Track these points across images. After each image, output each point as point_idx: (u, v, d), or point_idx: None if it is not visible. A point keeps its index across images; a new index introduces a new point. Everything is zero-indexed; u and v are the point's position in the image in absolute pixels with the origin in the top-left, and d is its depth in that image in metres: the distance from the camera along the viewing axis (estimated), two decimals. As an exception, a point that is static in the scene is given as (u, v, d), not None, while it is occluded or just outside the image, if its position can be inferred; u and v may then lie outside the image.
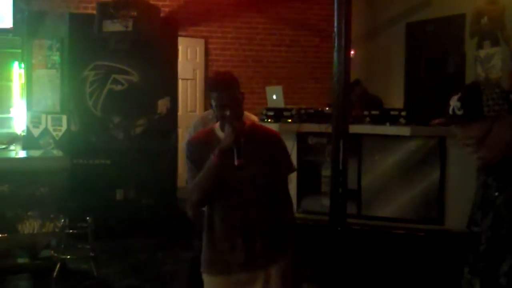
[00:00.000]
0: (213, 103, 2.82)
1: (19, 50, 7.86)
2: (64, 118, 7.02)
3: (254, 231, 2.83)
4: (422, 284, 5.47)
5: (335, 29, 4.27)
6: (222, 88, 2.79)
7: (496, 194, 2.06)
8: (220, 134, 2.85)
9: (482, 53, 7.56)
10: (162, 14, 7.81)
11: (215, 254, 2.88)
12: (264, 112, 6.54)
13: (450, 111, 2.07)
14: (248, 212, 2.82)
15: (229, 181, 2.80)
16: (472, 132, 2.04)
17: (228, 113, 2.76)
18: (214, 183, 2.79)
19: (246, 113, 4.33)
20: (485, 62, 7.53)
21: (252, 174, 2.80)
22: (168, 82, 7.43)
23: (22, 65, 7.73)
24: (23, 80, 7.69)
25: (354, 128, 5.47)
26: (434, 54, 8.62)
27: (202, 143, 2.91)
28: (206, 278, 2.92)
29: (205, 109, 8.88)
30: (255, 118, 4.33)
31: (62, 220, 5.50)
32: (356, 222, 5.99)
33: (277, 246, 2.88)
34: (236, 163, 2.69)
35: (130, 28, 6.70)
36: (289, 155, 3.04)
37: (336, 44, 4.25)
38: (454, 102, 2.05)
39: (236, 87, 2.84)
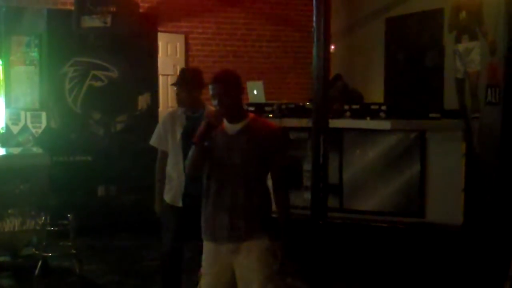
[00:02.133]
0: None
1: (-3, 47, 7.77)
2: (44, 115, 6.97)
3: (239, 212, 3.23)
4: (404, 277, 5.52)
5: (314, 24, 4.26)
6: (213, 81, 3.26)
7: None
8: (225, 121, 3.28)
9: (461, 47, 7.62)
10: (141, 10, 7.78)
11: (206, 224, 3.32)
12: (245, 107, 6.54)
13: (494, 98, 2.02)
14: (237, 194, 3.23)
15: (222, 163, 3.24)
16: None
17: (215, 102, 3.22)
18: (198, 161, 3.25)
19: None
20: (464, 56, 7.59)
21: (243, 160, 3.21)
22: (148, 78, 7.40)
23: (0, 62, 7.63)
24: (1, 77, 7.60)
25: (335, 123, 5.49)
26: (413, 48, 8.68)
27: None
28: (204, 242, 3.38)
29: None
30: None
31: (43, 218, 5.47)
32: (338, 216, 6.03)
33: (260, 226, 3.27)
34: (193, 139, 3.22)
35: (109, 24, 6.66)
36: (284, 148, 3.44)
37: (315, 39, 4.25)
38: None
39: (228, 82, 3.28)
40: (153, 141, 4.56)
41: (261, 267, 3.24)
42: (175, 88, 4.46)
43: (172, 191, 4.36)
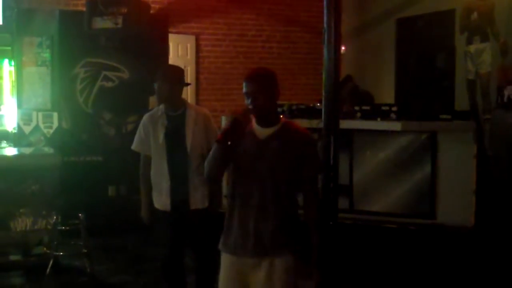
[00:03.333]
0: None
1: (9, 48, 7.83)
2: (55, 115, 7.01)
3: (266, 223, 2.97)
4: (414, 278, 5.50)
5: (325, 25, 4.26)
6: (249, 78, 3.00)
7: None
8: (255, 124, 3.03)
9: (472, 48, 7.60)
10: (152, 11, 7.81)
11: (229, 237, 3.05)
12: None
13: (505, 99, 2.07)
14: (264, 204, 2.96)
15: (248, 170, 2.98)
16: None
17: (248, 101, 2.95)
18: (219, 162, 2.96)
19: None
20: (475, 57, 7.57)
21: (272, 168, 2.95)
22: (159, 79, 7.41)
23: (12, 63, 7.70)
24: (13, 77, 7.67)
25: (345, 124, 5.49)
26: (424, 49, 8.66)
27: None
28: (222, 254, 3.13)
29: (196, 104, 8.87)
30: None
31: (54, 217, 5.49)
32: (348, 216, 6.02)
33: (287, 241, 3.00)
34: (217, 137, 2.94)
35: (120, 25, 6.69)
36: (316, 156, 3.12)
37: (326, 40, 4.25)
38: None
39: (265, 80, 3.00)
40: (134, 146, 4.37)
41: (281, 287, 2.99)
42: (155, 85, 4.17)
43: (161, 196, 4.19)
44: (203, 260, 4.30)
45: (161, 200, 4.20)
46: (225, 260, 3.09)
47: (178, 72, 4.30)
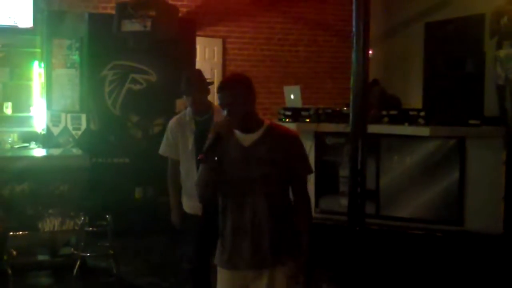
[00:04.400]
0: None
1: (39, 50, 7.93)
2: (84, 117, 7.08)
3: (262, 232, 2.88)
4: (440, 286, 5.44)
5: (354, 29, 4.26)
6: (220, 89, 2.90)
7: None
8: (237, 132, 2.94)
9: (502, 53, 7.50)
10: (180, 14, 7.85)
11: (225, 250, 2.96)
12: (282, 112, 6.55)
13: None
14: (258, 212, 2.87)
15: (239, 178, 2.88)
16: None
17: (224, 112, 2.87)
18: (210, 180, 2.87)
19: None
20: (504, 62, 7.47)
21: (265, 174, 2.86)
22: (186, 82, 7.44)
23: (42, 65, 7.79)
24: (43, 79, 7.76)
25: (372, 128, 5.45)
26: (453, 54, 8.57)
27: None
28: (218, 269, 3.04)
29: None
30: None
31: (82, 218, 5.54)
32: (375, 222, 5.98)
33: (286, 248, 2.92)
34: (198, 157, 2.83)
35: (148, 28, 6.74)
36: (306, 156, 3.03)
37: (354, 44, 4.24)
38: None
39: (237, 88, 2.91)
40: (162, 151, 4.39)
41: None
42: (185, 97, 4.22)
43: (190, 200, 4.17)
44: None
45: (192, 204, 4.17)
46: (224, 275, 3.00)
47: (201, 78, 4.31)
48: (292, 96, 7.13)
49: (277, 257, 2.89)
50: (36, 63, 8.11)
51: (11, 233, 5.32)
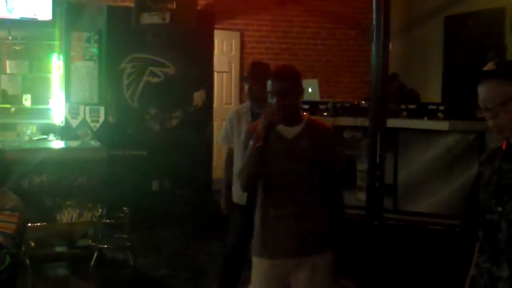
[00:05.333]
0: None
1: (58, 42, 7.97)
2: (102, 110, 7.11)
3: (306, 223, 2.94)
4: (458, 280, 5.40)
5: (374, 22, 4.23)
6: (274, 77, 2.96)
7: None
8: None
9: (523, 47, 7.41)
10: (198, 7, 7.84)
11: (267, 239, 2.99)
12: (300, 105, 6.52)
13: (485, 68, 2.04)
14: (301, 203, 2.93)
15: (281, 171, 2.93)
16: (497, 92, 2.00)
17: (274, 101, 2.91)
18: (256, 167, 2.91)
19: None
20: (525, 56, 7.38)
21: (305, 166, 2.93)
22: (204, 75, 7.45)
23: (61, 57, 7.83)
24: (61, 71, 7.80)
25: (391, 122, 5.42)
26: (473, 48, 8.48)
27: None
28: (255, 260, 3.05)
29: (240, 102, 8.90)
30: None
31: (100, 210, 5.57)
32: (392, 217, 5.94)
33: (326, 237, 3.00)
34: (258, 144, 2.83)
35: (167, 21, 6.73)
36: (340, 152, 3.20)
37: (374, 37, 4.21)
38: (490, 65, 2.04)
39: (291, 79, 2.97)
40: (221, 139, 4.50)
41: (323, 284, 2.99)
42: (245, 83, 4.33)
43: (237, 190, 4.19)
44: None
45: (238, 193, 4.23)
46: (262, 264, 3.02)
47: (268, 71, 4.34)
48: (310, 90, 7.10)
49: (319, 247, 2.97)
50: (55, 55, 8.14)
51: (29, 224, 5.35)
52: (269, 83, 2.95)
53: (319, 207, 2.98)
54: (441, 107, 6.08)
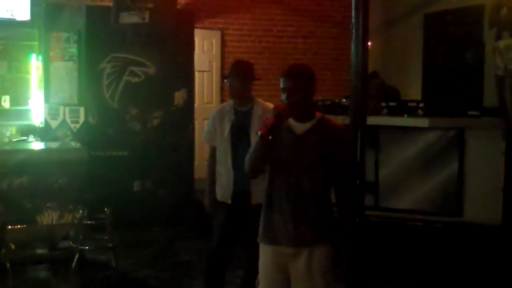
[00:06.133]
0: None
1: (37, 43, 7.88)
2: (82, 110, 7.05)
3: (305, 215, 3.07)
4: (440, 276, 5.44)
5: (353, 20, 4.22)
6: (287, 74, 3.11)
7: None
8: (290, 119, 3.11)
9: (502, 44, 7.48)
10: (178, 6, 7.81)
11: (269, 227, 3.14)
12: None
13: None
14: (302, 196, 3.06)
15: (287, 164, 3.07)
16: None
17: (284, 97, 3.05)
18: (261, 158, 3.05)
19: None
20: (504, 53, 7.45)
21: (310, 162, 3.06)
22: (184, 74, 7.43)
23: (40, 58, 7.76)
24: (40, 72, 7.72)
25: (372, 120, 5.44)
26: (452, 45, 8.55)
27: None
28: (261, 247, 3.21)
29: (222, 101, 8.88)
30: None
31: (81, 211, 5.54)
32: (374, 214, 5.98)
33: (325, 230, 3.11)
34: (260, 132, 2.98)
35: (147, 20, 6.71)
36: (349, 150, 3.26)
37: (353, 35, 4.21)
38: None
39: (303, 77, 3.10)
40: (204, 137, 4.49)
41: (320, 276, 3.08)
42: (226, 81, 4.33)
43: (221, 188, 4.26)
44: (256, 256, 4.29)
45: (222, 191, 4.27)
46: (265, 250, 3.17)
47: (249, 69, 4.36)
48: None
49: (316, 239, 3.07)
50: (34, 56, 8.06)
51: (10, 226, 5.31)
52: (281, 79, 3.09)
53: (319, 200, 3.08)
54: (421, 104, 6.14)
